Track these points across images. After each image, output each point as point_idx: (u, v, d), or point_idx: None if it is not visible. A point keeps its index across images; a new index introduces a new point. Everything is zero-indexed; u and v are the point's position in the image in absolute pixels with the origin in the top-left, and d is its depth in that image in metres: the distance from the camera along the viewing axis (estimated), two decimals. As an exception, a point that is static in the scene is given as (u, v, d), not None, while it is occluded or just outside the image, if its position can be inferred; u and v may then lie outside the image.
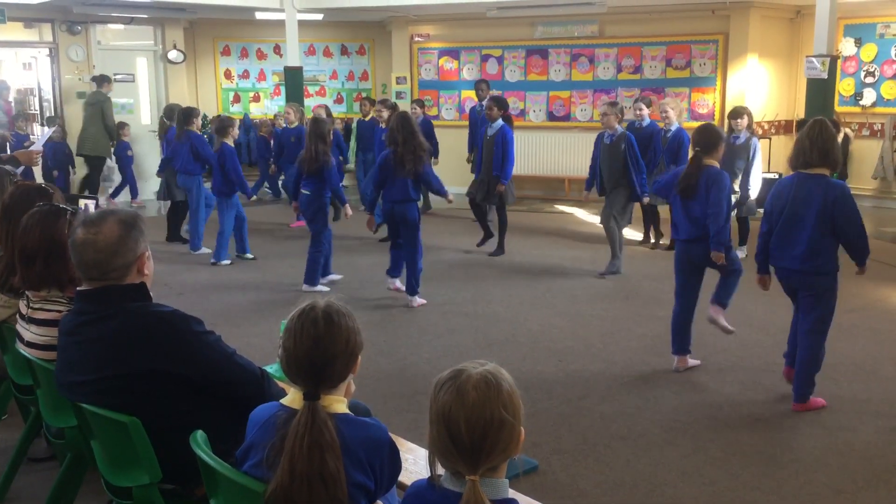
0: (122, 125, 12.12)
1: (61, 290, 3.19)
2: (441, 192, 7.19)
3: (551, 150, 13.12)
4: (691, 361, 5.42)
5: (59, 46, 12.50)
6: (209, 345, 2.58)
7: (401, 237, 7.04)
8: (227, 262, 8.67)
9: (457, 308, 6.98)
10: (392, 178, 6.80)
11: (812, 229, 4.53)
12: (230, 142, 8.76)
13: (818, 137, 4.56)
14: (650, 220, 9.38)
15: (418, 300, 7.05)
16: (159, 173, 9.76)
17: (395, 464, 2.14)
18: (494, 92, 10.99)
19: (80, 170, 12.27)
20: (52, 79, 12.65)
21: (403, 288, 7.17)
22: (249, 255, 8.85)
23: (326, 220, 7.55)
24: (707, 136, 5.17)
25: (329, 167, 7.28)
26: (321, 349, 2.07)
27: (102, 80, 12.21)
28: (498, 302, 7.16)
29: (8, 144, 10.52)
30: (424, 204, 11.76)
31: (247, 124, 14.03)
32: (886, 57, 11.50)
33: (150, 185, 12.49)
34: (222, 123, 8.85)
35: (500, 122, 8.68)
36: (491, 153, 8.68)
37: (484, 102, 10.56)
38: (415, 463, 2.63)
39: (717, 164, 5.18)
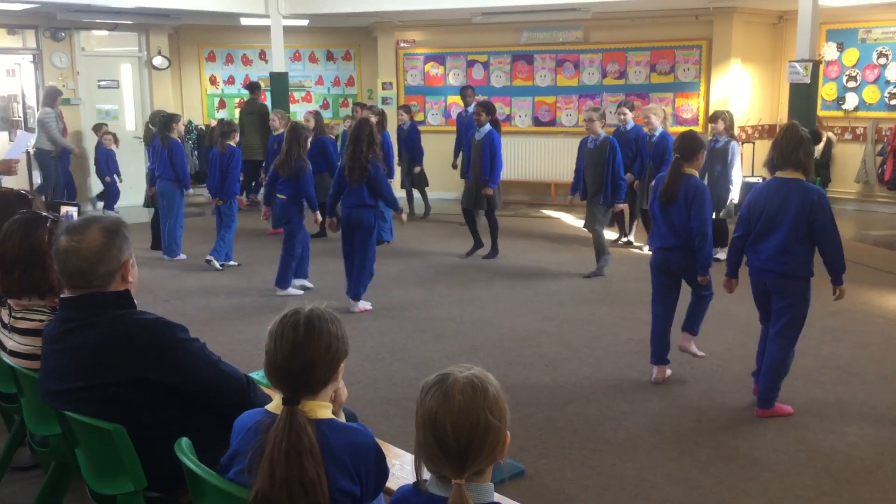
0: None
1: (41, 298, 3.17)
2: (391, 203, 6.96)
3: (537, 155, 13.15)
4: (669, 372, 5.38)
5: (42, 53, 12.43)
6: (194, 352, 2.57)
7: (356, 242, 6.92)
8: (235, 263, 8.80)
9: (443, 313, 6.98)
10: (348, 184, 6.82)
11: (786, 232, 4.54)
12: (233, 144, 8.93)
13: (781, 140, 4.60)
14: (623, 220, 9.60)
15: (361, 305, 7.01)
16: (151, 186, 9.63)
17: (381, 470, 2.14)
18: (479, 97, 11.01)
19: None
20: (36, 86, 12.57)
21: (350, 302, 7.00)
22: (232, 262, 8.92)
23: (301, 223, 7.57)
24: (687, 144, 5.14)
25: (305, 172, 7.35)
26: (300, 354, 2.06)
27: (256, 88, 12.55)
28: (485, 307, 7.17)
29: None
30: (425, 209, 11.73)
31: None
32: (868, 61, 11.60)
33: (133, 192, 12.40)
34: (229, 127, 9.03)
35: (487, 126, 8.72)
36: (479, 157, 8.74)
37: (470, 108, 10.59)
38: (401, 468, 2.62)
39: (696, 173, 5.17)
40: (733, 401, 5.02)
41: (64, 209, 4.77)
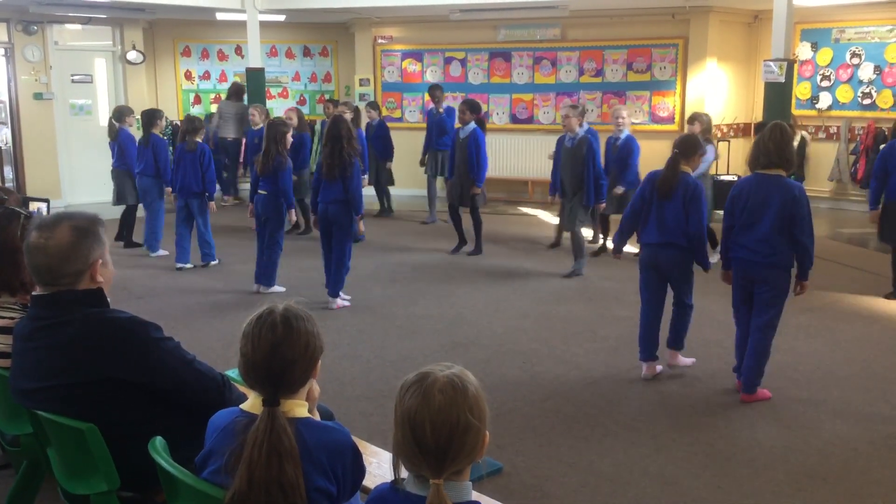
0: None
1: (12, 295, 3.13)
2: (356, 206, 6.81)
3: (514, 153, 13.16)
4: (659, 367, 5.40)
5: (14, 47, 12.25)
6: (168, 351, 2.54)
7: (332, 238, 6.94)
8: (217, 261, 8.72)
9: (421, 310, 6.97)
10: (325, 179, 6.82)
11: (771, 225, 4.76)
12: (200, 140, 8.82)
13: (781, 140, 4.79)
14: (604, 226, 9.20)
15: (339, 302, 7.04)
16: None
17: (357, 468, 2.13)
18: (457, 95, 11.01)
19: None
20: (8, 79, 12.40)
21: (329, 300, 7.04)
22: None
23: (283, 220, 7.54)
24: (687, 142, 5.32)
25: (283, 168, 7.28)
26: (280, 354, 2.04)
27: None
28: (462, 304, 7.16)
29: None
30: (387, 208, 11.71)
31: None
32: (842, 61, 11.71)
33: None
34: (199, 123, 8.97)
35: (472, 124, 8.73)
36: (464, 156, 8.74)
37: (441, 107, 10.76)
38: (378, 467, 2.61)
39: (691, 172, 5.27)
40: (709, 397, 5.05)
41: (34, 205, 4.71)
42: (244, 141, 12.33)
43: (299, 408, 2.09)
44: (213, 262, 8.68)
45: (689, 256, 5.24)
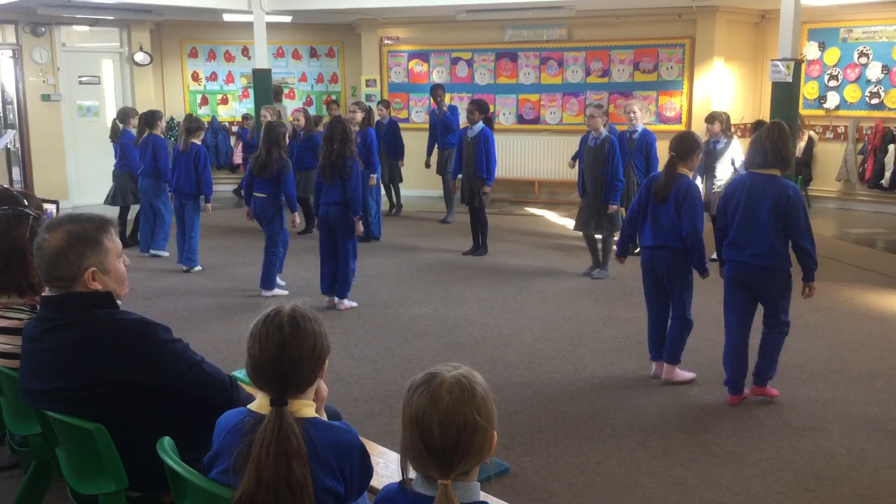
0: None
1: (21, 296, 3.14)
2: (354, 206, 6.79)
3: (521, 153, 13.15)
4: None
5: (22, 48, 12.30)
6: (176, 353, 2.55)
7: (337, 240, 6.92)
8: (199, 268, 8.54)
9: (427, 311, 6.97)
10: (324, 181, 6.81)
11: (769, 228, 4.68)
12: (198, 142, 8.63)
13: (778, 139, 4.71)
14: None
15: (347, 303, 7.02)
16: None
17: (365, 468, 2.13)
18: (464, 95, 11.05)
19: None
20: (16, 81, 12.44)
21: (336, 300, 7.04)
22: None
23: (283, 222, 7.49)
24: (683, 144, 5.19)
25: (286, 171, 7.24)
26: (287, 355, 2.04)
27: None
28: (468, 304, 7.16)
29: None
30: (396, 206, 11.75)
31: (214, 127, 13.92)
32: (849, 61, 11.68)
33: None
34: (196, 124, 8.73)
35: (480, 124, 8.73)
36: (472, 155, 8.74)
37: (443, 107, 10.98)
38: (385, 467, 2.61)
39: (689, 174, 5.22)
40: (717, 397, 5.04)
41: (44, 206, 4.72)
42: None
43: (307, 408, 2.10)
44: (196, 268, 8.48)
45: (685, 259, 5.16)
